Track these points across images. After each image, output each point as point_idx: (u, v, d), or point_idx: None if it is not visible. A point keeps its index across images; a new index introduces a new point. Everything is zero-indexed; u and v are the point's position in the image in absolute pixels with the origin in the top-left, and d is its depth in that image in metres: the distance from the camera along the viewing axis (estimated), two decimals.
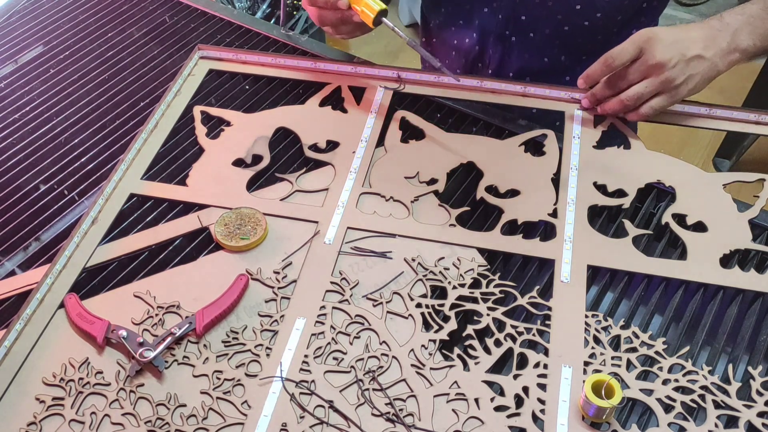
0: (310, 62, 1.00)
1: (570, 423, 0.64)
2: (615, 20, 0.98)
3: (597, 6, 0.96)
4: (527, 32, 1.01)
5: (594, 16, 0.97)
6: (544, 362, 0.68)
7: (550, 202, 0.82)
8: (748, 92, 2.18)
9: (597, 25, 0.98)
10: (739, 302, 0.74)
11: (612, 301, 0.74)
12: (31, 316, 0.73)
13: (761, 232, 0.80)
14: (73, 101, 1.00)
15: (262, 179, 0.87)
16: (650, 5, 1.00)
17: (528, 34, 1.02)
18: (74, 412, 0.66)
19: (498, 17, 1.02)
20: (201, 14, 1.15)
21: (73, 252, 0.79)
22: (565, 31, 0.99)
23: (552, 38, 1.01)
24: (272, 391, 0.67)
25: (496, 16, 1.02)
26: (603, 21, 0.98)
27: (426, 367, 0.68)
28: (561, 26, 0.99)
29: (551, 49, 1.03)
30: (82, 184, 0.89)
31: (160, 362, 0.68)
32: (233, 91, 1.00)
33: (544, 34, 1.01)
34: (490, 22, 1.03)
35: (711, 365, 0.68)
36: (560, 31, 1.00)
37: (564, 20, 0.98)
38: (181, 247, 0.80)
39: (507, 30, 1.02)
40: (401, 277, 0.76)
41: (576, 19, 0.98)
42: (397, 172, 0.87)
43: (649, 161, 0.87)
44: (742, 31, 0.85)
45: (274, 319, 0.72)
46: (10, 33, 1.13)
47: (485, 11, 1.02)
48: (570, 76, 1.05)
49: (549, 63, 1.04)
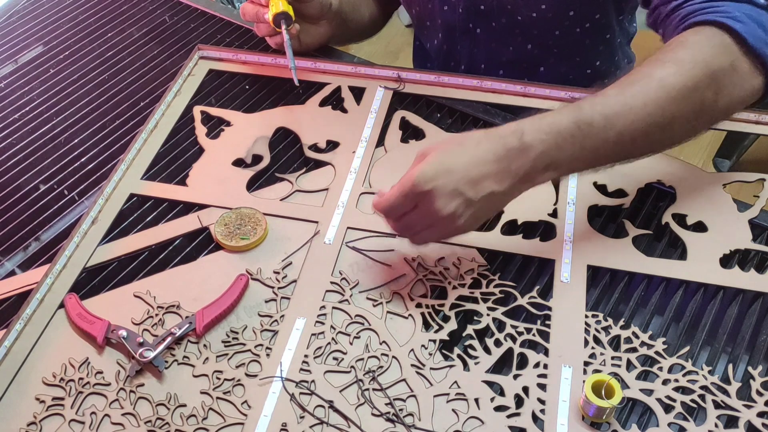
0: (310, 62, 1.00)
1: (570, 423, 0.64)
2: (567, 15, 0.97)
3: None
4: (489, 22, 1.01)
5: (539, 8, 0.96)
6: (544, 362, 0.68)
7: (550, 202, 0.82)
8: None
9: (545, 18, 0.97)
10: (739, 302, 0.74)
11: (612, 301, 0.74)
12: (31, 316, 0.73)
13: (761, 232, 0.80)
14: (73, 101, 1.00)
15: (262, 179, 0.87)
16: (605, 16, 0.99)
17: (490, 23, 1.01)
18: (74, 412, 0.66)
19: (458, 11, 1.02)
20: (201, 14, 1.15)
21: (73, 252, 0.79)
22: (519, 21, 0.99)
23: (511, 27, 1.00)
24: (272, 391, 0.67)
25: (456, 10, 1.02)
26: (551, 13, 0.96)
27: (426, 367, 0.68)
28: (514, 16, 0.99)
29: (514, 38, 1.02)
30: (82, 184, 0.89)
31: (160, 362, 0.68)
32: (233, 91, 1.00)
33: (502, 23, 1.01)
34: (452, 17, 1.03)
35: (711, 365, 0.68)
36: (515, 20, 0.99)
37: (514, 10, 0.98)
38: (181, 247, 0.80)
39: (470, 23, 1.03)
40: (401, 277, 0.76)
41: (523, 9, 0.97)
42: (397, 172, 0.86)
43: (649, 161, 0.86)
44: (548, 154, 0.68)
45: (274, 319, 0.72)
46: (10, 33, 1.13)
47: (445, 9, 1.03)
48: (544, 67, 1.04)
49: (515, 52, 1.03)
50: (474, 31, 1.03)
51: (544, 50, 1.03)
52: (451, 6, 1.02)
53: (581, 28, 0.99)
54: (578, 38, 0.99)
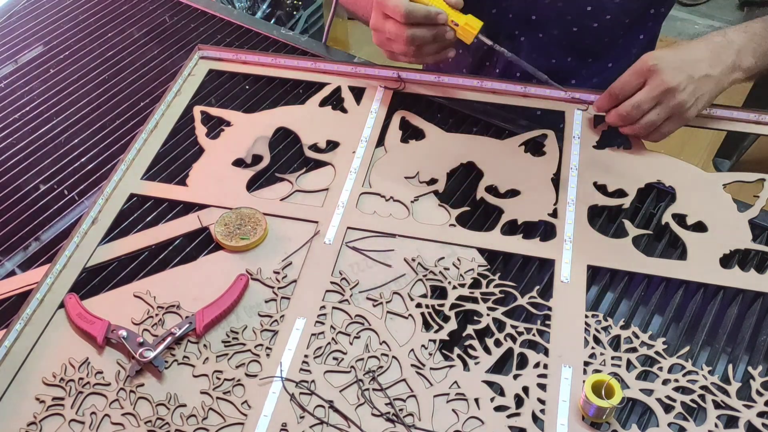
0: (310, 62, 1.00)
1: (570, 423, 0.64)
2: (623, 23, 0.98)
3: (607, 8, 0.96)
4: (536, 32, 1.01)
5: (603, 18, 0.97)
6: (544, 362, 0.68)
7: (550, 202, 0.82)
8: (748, 92, 2.18)
9: (605, 27, 0.98)
10: (739, 302, 0.74)
11: (612, 301, 0.74)
12: (31, 316, 0.73)
13: (761, 232, 0.80)
14: (73, 101, 1.00)
15: (262, 179, 0.87)
16: (657, 11, 1.00)
17: (537, 34, 1.01)
18: (74, 412, 0.66)
19: (508, 16, 1.01)
20: (201, 14, 1.15)
21: (73, 252, 0.79)
22: (574, 32, 0.99)
23: (560, 39, 1.01)
24: (272, 391, 0.67)
25: (506, 15, 1.01)
26: (611, 23, 0.98)
27: (426, 367, 0.68)
28: (570, 27, 0.99)
29: (559, 50, 1.03)
30: (82, 184, 0.89)
31: (160, 362, 0.68)
32: (233, 91, 1.00)
33: (552, 34, 1.01)
34: (499, 21, 1.02)
35: (711, 365, 0.68)
36: (569, 32, 0.99)
37: (573, 21, 0.98)
38: (181, 247, 0.80)
39: (516, 30, 1.02)
40: (401, 278, 0.76)
41: (585, 20, 0.97)
42: (397, 172, 0.87)
43: (649, 161, 0.87)
44: (746, 49, 0.84)
45: (274, 319, 0.72)
46: (10, 33, 1.13)
47: (493, 12, 1.02)
48: (576, 79, 1.05)
49: (556, 64, 1.04)
50: (519, 38, 1.03)
51: (580, 61, 1.03)
52: (501, 10, 1.01)
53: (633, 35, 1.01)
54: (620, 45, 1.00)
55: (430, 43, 0.85)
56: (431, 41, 0.85)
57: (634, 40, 1.03)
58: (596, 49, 1.02)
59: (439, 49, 0.87)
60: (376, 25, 0.86)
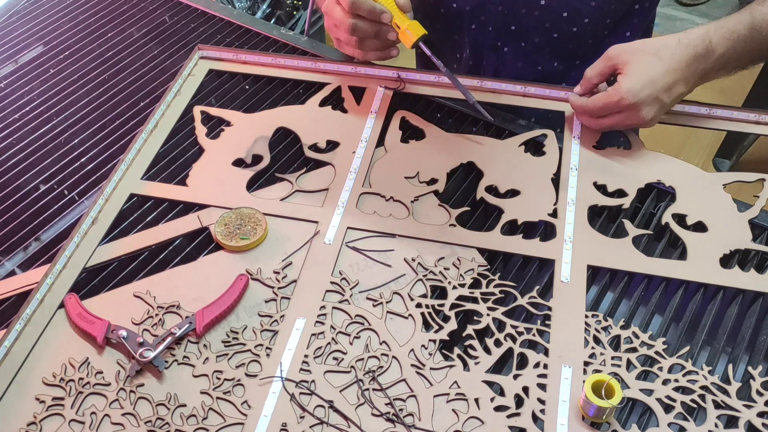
0: (310, 62, 1.00)
1: (570, 423, 0.64)
2: (604, 24, 0.98)
3: (583, 12, 0.96)
4: (518, 42, 1.02)
5: (582, 22, 0.97)
6: (544, 362, 0.68)
7: (550, 202, 0.82)
8: (748, 92, 2.18)
9: (586, 31, 0.98)
10: (739, 302, 0.74)
11: (612, 301, 0.74)
12: (31, 316, 0.73)
13: (761, 232, 0.80)
14: (73, 101, 1.00)
15: (262, 179, 0.87)
16: (642, 6, 1.00)
17: (519, 43, 1.02)
18: (74, 412, 0.66)
19: (488, 29, 1.02)
20: (201, 14, 1.15)
21: (73, 252, 0.79)
22: (555, 38, 1.00)
23: (543, 46, 1.01)
24: (272, 391, 0.67)
25: (486, 28, 1.02)
26: (591, 26, 0.97)
27: (426, 367, 0.68)
28: (550, 34, 0.99)
29: (543, 57, 1.03)
30: (82, 184, 0.89)
31: (160, 362, 0.68)
32: (233, 91, 1.00)
33: (534, 42, 1.01)
34: (480, 35, 1.03)
35: (711, 365, 0.68)
36: (550, 38, 1.00)
37: (552, 28, 0.98)
38: (181, 247, 0.80)
39: (498, 41, 1.03)
40: (401, 278, 0.76)
41: (564, 26, 0.98)
42: (397, 172, 0.87)
43: (649, 161, 0.87)
44: (727, 56, 0.83)
45: (274, 319, 0.72)
46: (10, 33, 1.13)
47: (473, 27, 1.03)
48: (566, 82, 1.05)
49: (543, 70, 1.04)
50: (501, 49, 1.03)
51: (568, 65, 1.04)
52: (480, 24, 1.02)
53: (619, 33, 1.01)
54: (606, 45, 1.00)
55: (372, 38, 0.89)
56: (373, 37, 0.88)
57: (621, 38, 1.02)
58: (581, 52, 1.02)
59: (381, 46, 0.91)
60: (328, 10, 0.89)
